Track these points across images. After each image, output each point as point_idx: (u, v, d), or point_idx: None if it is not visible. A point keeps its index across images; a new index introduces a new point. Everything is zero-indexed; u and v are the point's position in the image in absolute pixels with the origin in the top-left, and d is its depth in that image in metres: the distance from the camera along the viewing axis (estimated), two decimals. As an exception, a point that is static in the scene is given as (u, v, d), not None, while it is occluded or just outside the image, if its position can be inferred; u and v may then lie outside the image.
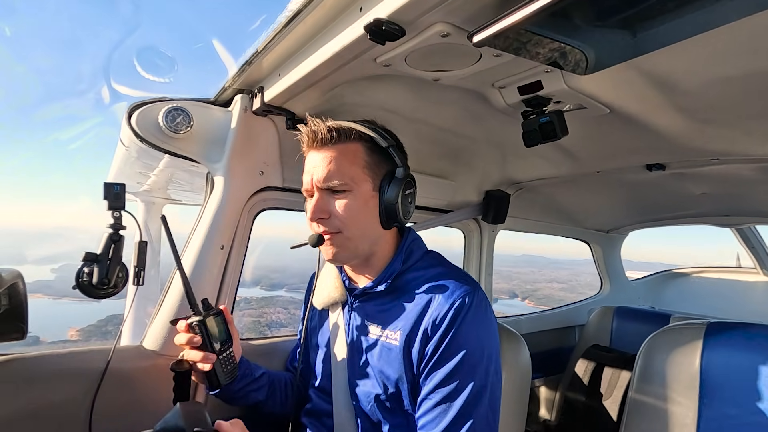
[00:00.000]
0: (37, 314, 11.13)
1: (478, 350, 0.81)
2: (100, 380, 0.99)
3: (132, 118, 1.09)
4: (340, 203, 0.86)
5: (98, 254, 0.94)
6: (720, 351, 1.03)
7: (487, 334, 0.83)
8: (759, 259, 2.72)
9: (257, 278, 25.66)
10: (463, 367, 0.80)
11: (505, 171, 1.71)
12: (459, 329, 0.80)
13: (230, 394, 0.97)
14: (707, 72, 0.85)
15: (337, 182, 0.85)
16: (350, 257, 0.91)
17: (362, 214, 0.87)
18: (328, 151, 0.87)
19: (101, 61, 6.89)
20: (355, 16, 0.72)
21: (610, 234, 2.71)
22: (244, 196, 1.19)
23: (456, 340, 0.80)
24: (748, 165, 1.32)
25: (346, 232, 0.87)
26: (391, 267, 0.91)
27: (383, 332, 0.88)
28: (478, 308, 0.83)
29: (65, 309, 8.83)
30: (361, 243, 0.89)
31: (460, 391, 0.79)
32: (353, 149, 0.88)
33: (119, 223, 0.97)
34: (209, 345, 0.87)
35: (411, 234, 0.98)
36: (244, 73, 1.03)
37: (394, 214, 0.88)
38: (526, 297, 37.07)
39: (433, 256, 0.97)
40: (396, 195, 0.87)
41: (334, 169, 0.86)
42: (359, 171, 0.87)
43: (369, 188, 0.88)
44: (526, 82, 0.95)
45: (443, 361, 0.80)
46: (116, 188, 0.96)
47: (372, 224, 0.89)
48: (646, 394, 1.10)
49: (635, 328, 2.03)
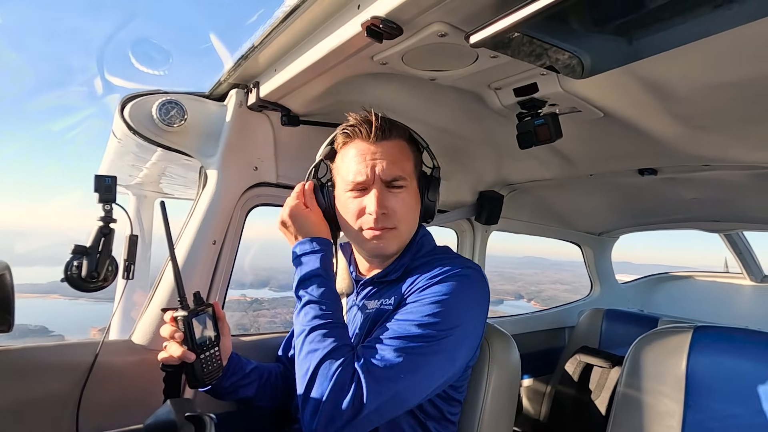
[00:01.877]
0: (57, 314, 11.22)
1: (453, 313, 0.80)
2: (88, 374, 0.98)
3: (125, 111, 1.07)
4: (399, 198, 0.87)
5: (88, 247, 0.93)
6: (706, 354, 1.04)
7: (472, 298, 0.84)
8: (746, 265, 2.77)
9: (265, 279, 25.56)
10: (442, 308, 0.79)
11: (499, 172, 1.71)
12: (443, 281, 0.81)
13: (219, 391, 0.97)
14: (701, 78, 0.86)
15: (399, 176, 0.86)
16: (396, 251, 0.92)
17: (414, 210, 0.91)
18: (386, 145, 0.88)
19: (95, 51, 6.82)
20: (352, 13, 0.72)
21: (602, 237, 2.74)
22: (237, 192, 1.19)
23: (443, 287, 0.81)
24: (739, 171, 1.34)
25: (401, 227, 0.88)
26: (402, 260, 0.92)
27: (379, 302, 0.90)
28: (475, 278, 0.85)
29: (83, 309, 8.89)
30: (407, 238, 0.92)
31: (425, 322, 0.77)
32: (403, 146, 0.90)
33: (110, 215, 0.96)
34: (191, 343, 0.85)
35: (422, 229, 0.99)
36: (240, 67, 1.03)
37: (432, 212, 0.92)
38: (532, 298, 37.28)
39: (442, 249, 0.99)
40: (436, 194, 0.92)
41: (396, 162, 0.87)
42: (410, 168, 0.90)
43: (416, 186, 0.91)
44: (522, 84, 0.95)
45: (425, 297, 0.80)
46: (107, 181, 0.95)
47: (416, 221, 0.92)
48: (633, 394, 1.11)
49: (624, 330, 2.06)
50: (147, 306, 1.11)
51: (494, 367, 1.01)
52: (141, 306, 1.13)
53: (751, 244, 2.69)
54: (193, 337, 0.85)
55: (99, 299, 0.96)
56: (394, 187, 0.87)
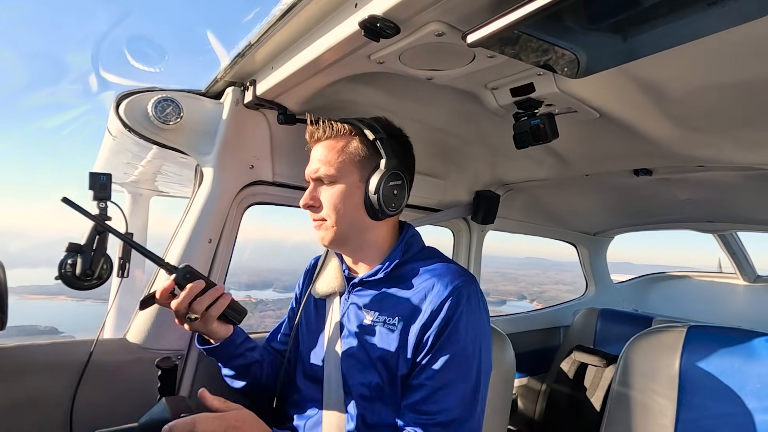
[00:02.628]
0: (66, 315, 11.30)
1: (473, 342, 0.85)
2: (82, 373, 0.97)
3: (120, 108, 1.07)
4: (326, 192, 0.93)
5: (82, 245, 0.92)
6: (699, 353, 1.05)
7: (481, 325, 0.88)
8: (739, 265, 2.79)
9: (269, 281, 25.82)
10: (458, 358, 0.83)
11: (495, 172, 1.72)
12: (458, 320, 0.84)
13: (231, 349, 0.95)
14: (695, 80, 0.87)
15: (323, 173, 0.92)
16: (336, 243, 0.95)
17: (345, 203, 0.92)
18: (321, 146, 0.95)
19: (90, 48, 6.75)
20: (350, 11, 0.72)
21: (597, 237, 2.75)
22: (233, 190, 1.18)
23: (455, 331, 0.83)
24: (733, 172, 1.35)
25: (329, 219, 0.92)
26: (391, 257, 0.94)
27: (381, 318, 0.90)
28: (475, 299, 0.87)
29: (90, 309, 8.94)
30: (344, 229, 0.93)
31: (453, 380, 0.82)
32: (343, 144, 0.93)
33: (104, 214, 0.95)
34: (209, 281, 0.85)
35: (411, 229, 1.02)
36: (237, 65, 1.02)
37: (377, 205, 0.90)
38: (534, 299, 37.36)
39: (431, 250, 1.00)
40: (377, 186, 0.89)
41: (323, 161, 0.92)
42: (347, 164, 0.92)
43: (356, 179, 0.92)
44: (519, 84, 0.95)
45: (441, 351, 0.83)
46: (102, 178, 0.94)
47: (356, 214, 0.93)
48: (627, 393, 1.12)
49: (618, 329, 2.07)
50: (142, 304, 1.10)
51: None
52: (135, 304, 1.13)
53: (744, 244, 2.71)
54: (207, 277, 0.86)
55: (105, 300, 0.96)
56: (323, 183, 0.93)
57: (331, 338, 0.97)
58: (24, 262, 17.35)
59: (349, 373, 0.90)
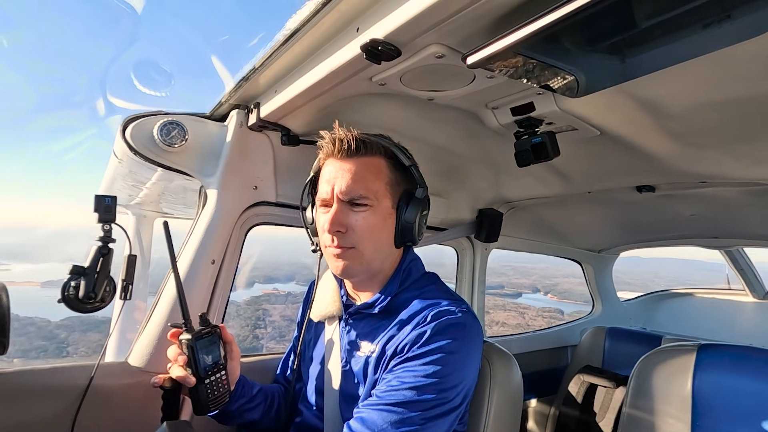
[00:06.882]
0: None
1: (456, 371, 0.78)
2: (83, 397, 0.96)
3: (126, 131, 1.09)
4: (360, 217, 0.84)
5: (86, 267, 0.92)
6: (711, 372, 1.03)
7: (468, 358, 0.81)
8: (747, 281, 2.75)
9: (290, 274, 28.57)
10: (434, 378, 0.75)
11: (497, 190, 1.72)
12: (442, 345, 0.78)
13: (225, 415, 0.94)
14: (695, 97, 0.87)
15: (360, 195, 0.83)
16: (359, 273, 0.88)
17: (379, 231, 0.85)
18: (353, 162, 0.85)
19: (98, 73, 6.75)
20: (351, 35, 0.74)
21: (602, 254, 2.73)
22: (236, 211, 1.19)
23: (437, 351, 0.77)
24: (736, 188, 1.34)
25: (361, 247, 0.85)
26: (389, 288, 0.90)
27: (373, 349, 0.87)
28: (465, 328, 0.81)
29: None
30: (373, 260, 0.87)
31: (418, 401, 0.74)
32: (377, 163, 0.87)
33: (109, 235, 0.96)
34: (195, 368, 0.82)
35: (411, 254, 0.97)
36: (241, 88, 1.04)
37: (410, 233, 0.87)
38: (548, 291, 37.13)
39: (429, 277, 0.96)
40: (415, 215, 0.87)
41: (359, 181, 0.84)
42: (382, 186, 0.86)
43: (389, 205, 0.87)
44: (519, 103, 0.97)
45: (417, 364, 0.77)
46: (107, 201, 0.95)
47: (387, 242, 0.88)
48: (639, 414, 1.09)
49: (627, 348, 2.03)
50: (144, 327, 1.09)
51: (495, 388, 0.98)
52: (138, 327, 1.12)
53: (752, 260, 2.68)
54: (197, 360, 0.82)
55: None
56: (357, 205, 0.84)
57: (330, 366, 0.95)
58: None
59: (346, 403, 0.88)
